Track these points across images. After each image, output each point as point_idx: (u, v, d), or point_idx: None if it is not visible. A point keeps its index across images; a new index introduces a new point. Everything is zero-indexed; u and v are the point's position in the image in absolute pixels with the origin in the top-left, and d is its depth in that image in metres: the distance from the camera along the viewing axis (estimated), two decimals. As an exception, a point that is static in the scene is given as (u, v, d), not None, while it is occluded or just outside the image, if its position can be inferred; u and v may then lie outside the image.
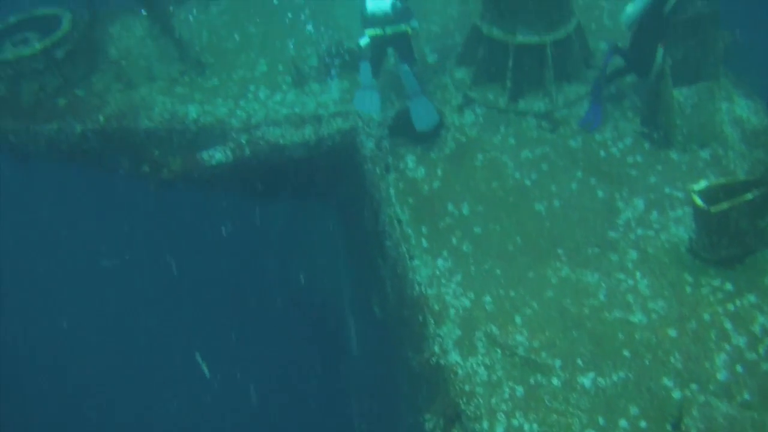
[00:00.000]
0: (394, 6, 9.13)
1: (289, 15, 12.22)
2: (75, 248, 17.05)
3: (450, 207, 8.40)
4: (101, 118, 11.03)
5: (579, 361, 6.80)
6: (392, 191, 8.65)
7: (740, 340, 6.78)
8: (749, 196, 7.21)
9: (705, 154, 9.00)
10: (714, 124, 9.24)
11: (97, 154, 11.37)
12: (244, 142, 9.66)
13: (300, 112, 10.14)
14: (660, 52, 8.91)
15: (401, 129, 9.42)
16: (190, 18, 12.95)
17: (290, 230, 14.81)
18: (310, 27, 11.65)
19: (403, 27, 9.31)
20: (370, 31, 9.35)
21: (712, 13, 8.91)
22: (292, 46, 11.46)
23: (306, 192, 11.29)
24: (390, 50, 9.72)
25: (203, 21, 12.92)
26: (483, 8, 9.77)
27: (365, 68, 9.65)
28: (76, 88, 11.76)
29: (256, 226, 14.01)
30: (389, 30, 9.27)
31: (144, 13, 12.00)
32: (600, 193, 8.50)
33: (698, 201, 7.22)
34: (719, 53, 9.35)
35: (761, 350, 6.68)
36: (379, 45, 9.51)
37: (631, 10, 9.02)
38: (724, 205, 7.14)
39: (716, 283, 7.35)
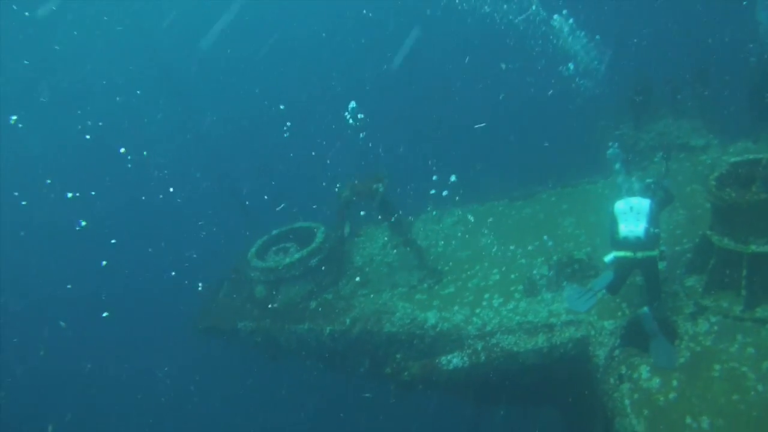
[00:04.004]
0: (647, 232, 9.43)
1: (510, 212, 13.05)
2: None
3: (688, 420, 8.20)
4: (347, 321, 12.21)
5: None
6: (627, 402, 8.66)
7: None
8: None
9: None
10: None
11: (342, 354, 12.45)
12: (479, 348, 10.23)
13: (533, 320, 10.64)
14: None
15: (634, 338, 9.58)
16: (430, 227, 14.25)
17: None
18: (549, 241, 12.35)
19: (653, 253, 9.54)
20: (621, 254, 9.62)
21: None
22: (523, 261, 12.23)
23: (533, 398, 11.48)
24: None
25: (438, 231, 14.16)
26: (713, 219, 10.01)
27: (605, 277, 10.05)
28: (325, 292, 13.17)
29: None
30: (640, 255, 9.50)
31: (386, 222, 13.39)
32: None
33: None
34: None
35: None
36: (626, 266, 9.78)
37: None
38: None
39: None
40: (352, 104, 13.73)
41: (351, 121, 13.69)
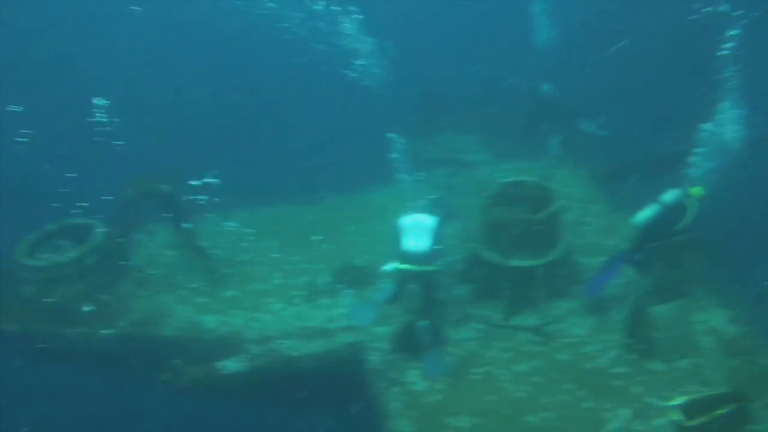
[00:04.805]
0: (430, 248, 9.89)
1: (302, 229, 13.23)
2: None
3: (450, 420, 8.90)
4: (124, 324, 11.79)
5: None
6: (396, 404, 9.20)
7: None
8: (724, 410, 7.88)
9: (684, 364, 9.68)
10: (691, 335, 10.06)
11: (118, 359, 12.02)
12: (258, 353, 10.35)
13: (311, 325, 10.95)
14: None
15: (405, 344, 10.11)
16: (212, 229, 14.02)
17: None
18: (324, 243, 12.63)
19: (434, 268, 10.03)
20: (403, 266, 9.94)
21: (689, 242, 10.20)
22: (306, 266, 12.47)
23: (312, 400, 11.77)
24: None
25: (223, 232, 14.02)
26: (482, 233, 10.91)
27: (385, 290, 10.48)
28: (102, 294, 12.61)
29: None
30: (421, 269, 9.90)
31: (169, 223, 13.05)
32: (588, 404, 9.08)
33: (676, 416, 7.85)
34: (693, 274, 10.44)
35: None
36: (407, 279, 10.14)
37: (643, 216, 10.46)
38: (701, 419, 7.76)
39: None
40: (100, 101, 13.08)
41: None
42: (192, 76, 23.57)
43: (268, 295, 11.91)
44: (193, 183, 12.37)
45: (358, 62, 15.25)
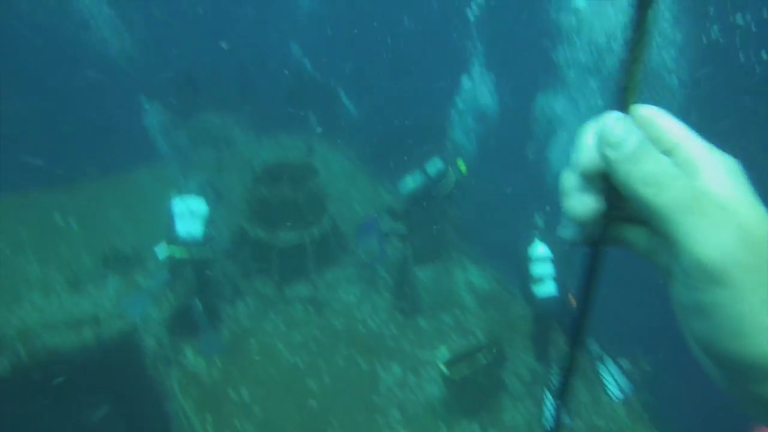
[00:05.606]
0: (204, 233, 9.75)
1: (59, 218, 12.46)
2: None
3: (231, 393, 9.04)
4: None
5: None
6: (175, 385, 9.16)
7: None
8: (483, 360, 8.81)
9: (447, 318, 10.61)
10: (452, 292, 11.02)
11: None
12: (21, 350, 9.72)
13: (78, 315, 10.37)
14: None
15: (180, 325, 10.01)
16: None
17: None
18: (84, 228, 12.00)
19: (208, 253, 9.89)
20: (176, 251, 9.70)
21: (448, 208, 11.14)
22: (67, 253, 11.75)
23: (87, 393, 11.24)
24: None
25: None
26: (249, 211, 11.00)
27: (157, 277, 10.22)
28: None
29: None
30: (195, 254, 9.74)
31: None
32: (363, 365, 9.63)
33: (444, 370, 8.62)
34: (452, 237, 11.39)
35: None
36: (180, 264, 9.94)
37: (407, 184, 10.96)
38: (464, 372, 8.61)
39: (465, 425, 8.75)
40: None
41: None
42: None
43: (27, 286, 11.05)
44: None
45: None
